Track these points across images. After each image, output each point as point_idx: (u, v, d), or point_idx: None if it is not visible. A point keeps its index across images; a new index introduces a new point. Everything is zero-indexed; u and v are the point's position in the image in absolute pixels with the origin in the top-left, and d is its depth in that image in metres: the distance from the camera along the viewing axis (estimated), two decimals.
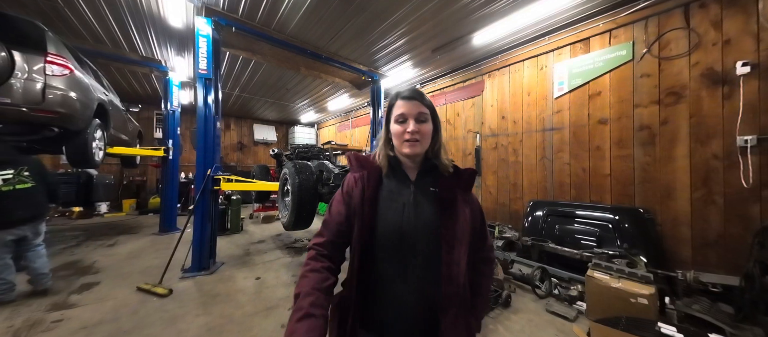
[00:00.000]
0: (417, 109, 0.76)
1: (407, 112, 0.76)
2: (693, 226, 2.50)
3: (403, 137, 0.76)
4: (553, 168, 3.53)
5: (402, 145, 0.76)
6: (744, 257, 2.13)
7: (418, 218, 0.74)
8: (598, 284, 2.17)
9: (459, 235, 0.73)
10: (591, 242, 2.87)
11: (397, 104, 0.78)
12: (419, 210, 0.75)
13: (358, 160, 0.84)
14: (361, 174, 0.80)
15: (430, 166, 0.81)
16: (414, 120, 0.75)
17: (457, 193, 0.78)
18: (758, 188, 2.16)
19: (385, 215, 0.75)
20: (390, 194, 0.78)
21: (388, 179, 0.80)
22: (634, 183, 2.86)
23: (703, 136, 2.44)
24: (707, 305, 1.93)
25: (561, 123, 3.46)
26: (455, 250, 0.72)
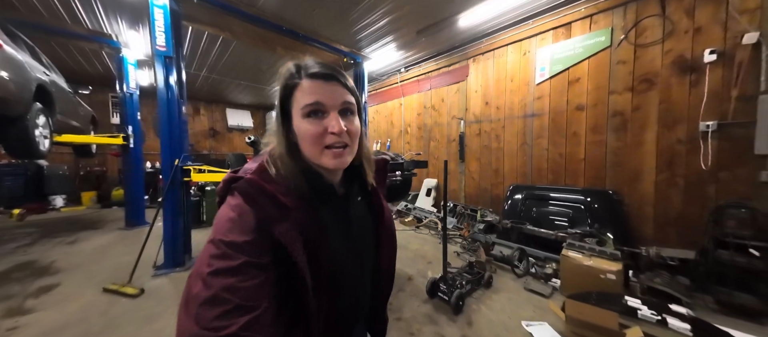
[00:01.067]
0: (341, 95, 0.51)
1: (326, 100, 0.49)
2: (656, 206, 2.70)
3: (324, 141, 0.50)
4: (532, 153, 3.65)
5: (321, 154, 0.51)
6: (699, 233, 2.35)
7: (362, 242, 0.61)
8: (571, 263, 2.31)
9: (388, 232, 0.67)
10: (564, 222, 3.04)
11: (304, 86, 0.50)
12: (362, 233, 0.61)
13: (273, 195, 0.48)
14: (293, 218, 0.48)
15: (351, 170, 0.59)
16: (338, 113, 0.50)
17: (380, 192, 0.68)
18: (715, 171, 2.35)
19: (336, 264, 0.54)
20: (333, 227, 0.55)
21: (312, 207, 0.53)
22: (606, 167, 3.02)
23: (670, 121, 2.59)
24: (667, 278, 2.12)
25: (541, 109, 3.53)
26: (388, 249, 0.67)
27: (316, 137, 0.49)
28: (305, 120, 0.49)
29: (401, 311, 2.11)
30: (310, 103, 0.49)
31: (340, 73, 0.53)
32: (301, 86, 0.50)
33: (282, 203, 0.48)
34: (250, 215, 0.45)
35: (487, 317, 2.05)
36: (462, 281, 2.30)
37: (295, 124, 0.51)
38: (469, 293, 2.29)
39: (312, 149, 0.50)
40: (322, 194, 0.55)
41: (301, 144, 0.52)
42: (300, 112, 0.50)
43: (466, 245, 3.48)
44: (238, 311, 0.39)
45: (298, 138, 0.52)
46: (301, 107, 0.49)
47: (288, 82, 0.52)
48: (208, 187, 4.72)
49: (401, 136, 5.80)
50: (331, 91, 0.50)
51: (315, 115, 0.49)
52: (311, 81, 0.49)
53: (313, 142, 0.49)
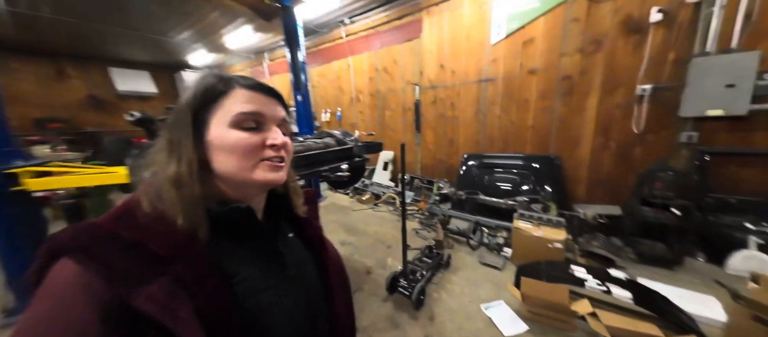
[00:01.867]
0: (280, 112, 0.44)
1: (266, 111, 0.42)
2: (590, 168, 2.90)
3: (262, 154, 0.41)
4: (486, 122, 3.53)
5: (253, 167, 0.41)
6: (623, 191, 2.58)
7: (304, 289, 0.48)
8: (522, 234, 2.34)
9: (339, 275, 0.57)
10: (509, 188, 3.12)
11: (239, 95, 0.40)
12: (300, 276, 0.49)
13: (132, 245, 0.33)
14: (169, 276, 0.33)
15: (274, 200, 0.50)
16: (277, 127, 0.43)
17: (316, 224, 0.57)
18: (644, 134, 2.52)
19: (261, 324, 0.40)
20: (248, 281, 0.41)
21: (226, 255, 0.40)
22: (551, 133, 3.07)
23: (611, 86, 2.63)
24: (603, 239, 2.30)
25: (496, 74, 3.32)
26: (341, 296, 0.56)
27: (253, 149, 0.40)
28: (237, 130, 0.40)
29: (360, 318, 1.85)
30: (250, 111, 0.40)
31: (280, 92, 0.46)
32: (233, 94, 0.40)
33: (152, 253, 0.33)
34: (98, 285, 0.29)
35: (448, 305, 1.95)
36: (422, 270, 2.14)
37: (215, 136, 0.39)
38: (429, 280, 2.16)
39: (242, 163, 0.40)
40: (235, 227, 0.42)
41: (220, 159, 0.40)
42: (229, 121, 0.39)
43: (423, 220, 3.38)
44: None
45: (215, 153, 0.40)
46: (234, 115, 0.39)
47: (211, 88, 0.40)
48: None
49: (353, 104, 5.10)
50: (271, 105, 0.43)
51: (252, 129, 0.41)
52: (249, 91, 0.41)
53: (247, 155, 0.40)
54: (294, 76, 3.51)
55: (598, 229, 2.47)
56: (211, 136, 0.39)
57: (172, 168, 0.37)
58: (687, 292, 1.84)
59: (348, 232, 3.21)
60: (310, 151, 1.64)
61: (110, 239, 0.33)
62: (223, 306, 0.35)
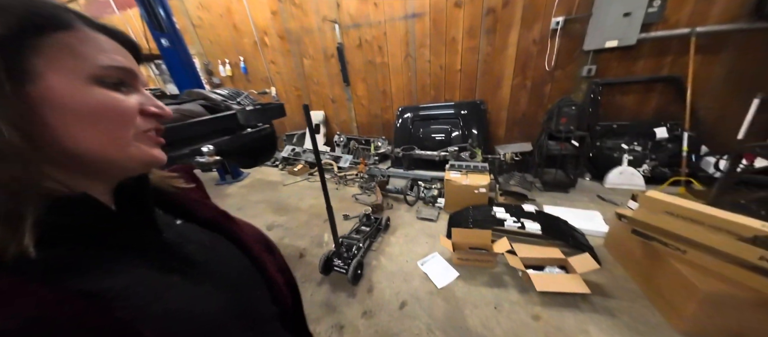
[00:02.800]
0: (140, 71, 0.34)
1: (136, 69, 0.33)
2: (509, 109, 3.01)
3: (139, 125, 0.32)
4: (416, 68, 3.26)
5: (131, 140, 0.31)
6: (535, 127, 2.78)
7: (223, 265, 0.41)
8: (453, 184, 2.37)
9: (261, 242, 0.52)
10: (443, 139, 3.12)
11: (96, 39, 0.29)
12: (212, 256, 0.41)
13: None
14: None
15: (137, 185, 0.36)
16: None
17: (204, 200, 0.50)
18: (554, 70, 2.62)
19: (178, 321, 0.30)
20: (138, 287, 0.29)
21: (73, 265, 0.26)
22: (477, 76, 3.01)
23: (530, 19, 2.57)
24: (518, 178, 2.49)
25: (422, 6, 2.93)
26: (270, 258, 0.51)
27: (126, 117, 0.31)
28: (98, 88, 0.29)
29: None
30: (119, 65, 0.30)
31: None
32: (85, 36, 0.29)
33: None
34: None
35: (386, 271, 1.91)
36: (359, 242, 2.01)
37: (62, 93, 0.26)
38: (368, 249, 2.07)
39: (115, 134, 0.30)
40: (83, 226, 0.29)
41: (73, 129, 0.27)
42: (89, 74, 0.28)
43: (363, 184, 3.21)
44: None
45: (61, 118, 0.27)
46: (95, 67, 0.28)
47: (39, 11, 0.26)
48: None
49: (259, 51, 3.98)
50: (132, 60, 0.33)
51: (120, 87, 0.31)
52: (106, 38, 0.31)
53: (120, 123, 0.30)
54: (145, 9, 2.38)
55: (514, 167, 2.67)
56: (50, 90, 0.26)
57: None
58: (579, 210, 2.16)
59: (277, 212, 2.85)
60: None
61: None
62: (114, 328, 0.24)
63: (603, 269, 1.61)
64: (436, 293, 1.65)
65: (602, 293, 1.49)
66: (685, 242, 1.25)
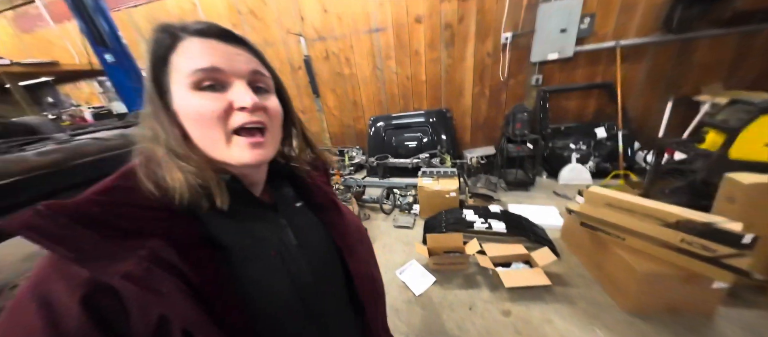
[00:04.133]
0: (247, 62, 0.36)
1: (226, 65, 0.34)
2: (472, 115, 3.21)
3: (230, 123, 0.34)
4: (384, 78, 3.34)
5: (227, 144, 0.35)
6: (497, 131, 2.99)
7: (312, 253, 0.45)
8: (426, 191, 2.44)
9: (356, 234, 0.53)
10: (415, 146, 3.22)
11: (190, 47, 0.34)
12: (307, 242, 0.45)
13: (102, 221, 0.30)
14: (145, 250, 0.30)
15: (279, 165, 0.47)
16: (245, 84, 0.35)
17: (327, 189, 0.53)
18: (507, 79, 2.86)
19: (260, 291, 0.38)
20: (242, 252, 0.38)
21: (219, 227, 0.37)
22: (441, 86, 3.17)
23: (483, 33, 2.79)
24: (484, 180, 2.64)
25: (385, 22, 3.04)
26: (359, 250, 0.52)
27: (216, 117, 0.34)
28: (195, 94, 0.33)
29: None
30: (204, 67, 0.33)
31: (244, 37, 0.38)
32: (183, 47, 0.33)
33: (125, 230, 0.31)
34: (64, 276, 0.28)
35: None
36: None
37: (178, 102, 0.34)
38: None
39: (210, 136, 0.34)
40: (232, 206, 0.37)
41: (192, 133, 0.35)
42: (185, 82, 0.33)
43: (339, 196, 3.16)
44: None
45: (185, 124, 0.34)
46: (188, 75, 0.33)
47: (159, 41, 0.34)
48: None
49: None
50: (232, 54, 0.35)
51: (212, 89, 0.34)
52: (201, 39, 0.34)
53: (212, 125, 0.34)
54: (84, 23, 2.14)
55: (480, 170, 2.83)
56: (176, 105, 0.34)
57: (154, 140, 0.34)
58: (538, 207, 2.35)
59: None
60: (79, 158, 0.93)
61: (75, 215, 0.29)
62: (213, 278, 0.34)
63: (561, 260, 1.76)
64: (414, 301, 1.67)
65: (562, 282, 1.62)
66: (623, 230, 1.42)
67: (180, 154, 0.33)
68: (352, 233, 0.52)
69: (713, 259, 1.09)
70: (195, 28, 0.34)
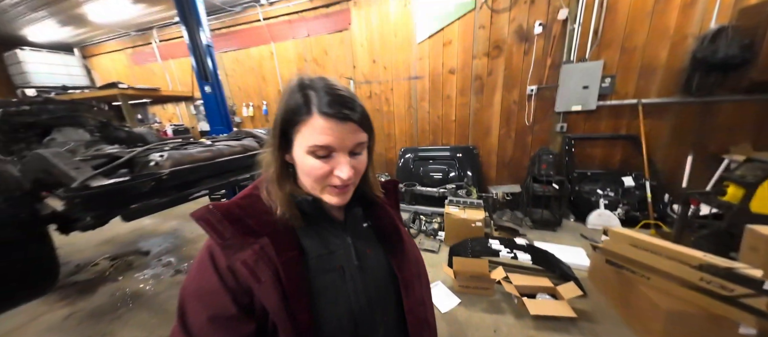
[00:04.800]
0: (354, 138, 0.43)
1: (337, 143, 0.42)
2: (498, 154, 3.44)
3: (328, 181, 0.45)
4: (417, 116, 3.76)
5: (322, 190, 0.46)
6: (522, 171, 3.16)
7: (368, 277, 0.50)
8: (452, 218, 2.61)
9: (414, 267, 0.57)
10: (440, 177, 3.45)
11: (315, 124, 0.41)
12: (366, 265, 0.51)
13: (240, 220, 0.44)
14: (258, 245, 0.42)
15: (356, 193, 0.52)
16: (347, 156, 0.44)
17: (391, 212, 0.58)
18: (533, 124, 3.12)
19: (327, 300, 0.46)
20: (320, 261, 0.47)
21: (305, 236, 0.48)
22: (470, 125, 3.49)
23: (510, 85, 3.14)
24: (509, 214, 2.77)
25: (422, 71, 3.54)
26: (416, 288, 0.55)
27: (321, 178, 0.45)
28: (310, 156, 0.44)
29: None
30: (321, 145, 0.42)
31: (357, 106, 0.44)
32: (311, 122, 0.42)
33: (249, 228, 0.44)
34: (217, 251, 0.43)
35: None
36: None
37: (297, 154, 0.46)
38: None
39: (312, 184, 0.47)
40: (313, 222, 0.50)
41: (299, 174, 0.48)
42: (305, 147, 0.43)
43: None
44: None
45: (297, 167, 0.48)
46: (309, 145, 0.43)
47: (295, 106, 0.43)
48: None
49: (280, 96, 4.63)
50: (345, 132, 0.43)
51: (322, 157, 0.44)
52: (325, 120, 0.42)
53: (316, 181, 0.46)
54: (196, 62, 2.88)
55: (506, 205, 2.96)
56: (294, 154, 0.46)
57: (271, 169, 0.47)
58: (565, 247, 2.41)
59: None
60: (221, 157, 1.39)
61: (222, 214, 0.43)
62: (295, 276, 0.42)
63: (588, 298, 1.80)
64: (439, 317, 1.78)
65: (588, 318, 1.66)
66: (649, 269, 1.50)
67: (282, 179, 0.47)
68: (411, 266, 0.55)
69: (731, 298, 1.16)
70: (325, 109, 0.41)
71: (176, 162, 1.25)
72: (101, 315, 1.99)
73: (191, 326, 0.40)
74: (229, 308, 0.40)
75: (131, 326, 1.87)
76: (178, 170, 1.20)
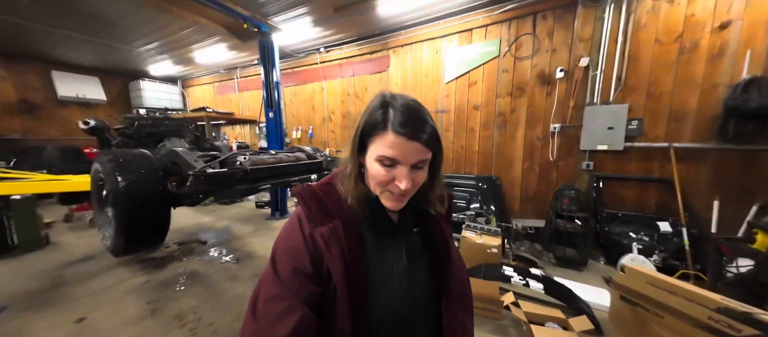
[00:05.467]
0: (418, 155, 0.49)
1: (402, 157, 0.49)
2: (521, 187, 3.49)
3: (388, 187, 0.52)
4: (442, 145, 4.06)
5: (382, 192, 0.54)
6: (546, 206, 3.16)
7: (413, 280, 0.55)
8: (468, 242, 2.71)
9: (459, 284, 0.58)
10: (463, 204, 3.58)
11: (387, 139, 0.49)
12: (412, 268, 0.56)
13: (323, 202, 0.54)
14: (333, 225, 0.52)
15: (412, 201, 0.57)
16: (408, 170, 0.50)
17: (444, 226, 0.62)
18: (557, 160, 3.19)
19: (375, 288, 0.52)
20: (375, 252, 0.54)
21: (366, 228, 0.56)
22: (492, 157, 3.66)
23: (532, 122, 3.31)
24: (528, 246, 2.77)
25: (449, 106, 3.92)
26: (457, 307, 0.57)
27: (383, 183, 0.52)
28: (377, 163, 0.51)
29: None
30: (387, 156, 0.49)
31: (427, 128, 0.49)
32: (385, 136, 0.49)
33: (329, 210, 0.53)
34: (304, 220, 0.53)
35: None
36: None
37: (368, 159, 0.53)
38: None
39: (375, 187, 0.54)
40: (373, 217, 0.56)
41: (367, 174, 0.56)
42: (375, 154, 0.51)
43: None
44: (288, 313, 0.45)
45: (367, 168, 0.54)
46: (378, 154, 0.50)
47: (374, 120, 0.51)
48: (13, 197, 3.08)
49: (325, 123, 5.39)
50: (411, 149, 0.49)
51: (387, 166, 0.50)
52: (396, 136, 0.48)
53: (379, 184, 0.53)
54: (266, 94, 3.73)
55: (526, 236, 2.96)
56: (366, 158, 0.54)
57: (348, 168, 0.56)
58: (588, 286, 2.33)
59: None
60: (280, 163, 1.88)
61: (312, 194, 0.55)
62: (357, 258, 0.50)
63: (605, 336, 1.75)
64: None
65: None
66: (663, 308, 1.48)
67: (354, 177, 0.55)
68: (456, 282, 0.57)
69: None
70: (397, 128, 0.47)
71: (253, 163, 1.79)
72: (168, 285, 2.47)
73: (280, 272, 0.49)
74: (308, 266, 0.49)
75: (189, 296, 2.30)
76: (255, 168, 1.70)
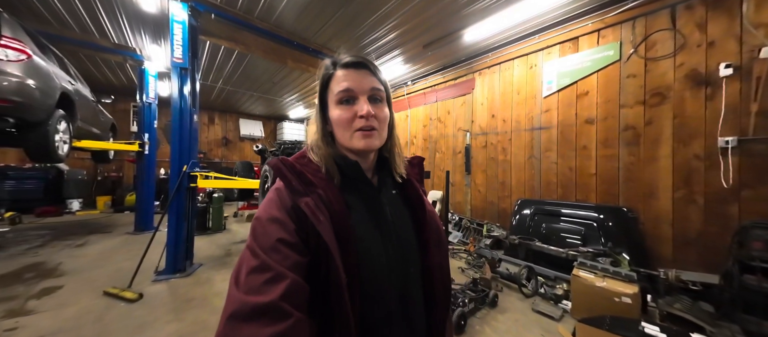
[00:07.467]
0: (369, 82, 0.54)
1: (356, 86, 0.53)
2: (674, 225, 2.54)
3: (354, 125, 0.53)
4: (541, 167, 3.55)
5: (351, 136, 0.53)
6: (722, 255, 2.17)
7: (401, 233, 0.57)
8: (583, 283, 2.17)
9: (434, 234, 0.61)
10: (576, 240, 2.89)
11: (338, 76, 0.54)
12: (397, 222, 0.58)
13: (302, 173, 0.53)
14: (316, 194, 0.51)
15: (382, 161, 0.62)
16: (367, 98, 0.53)
17: (418, 186, 0.65)
18: (737, 189, 2.20)
19: (365, 246, 0.52)
20: (359, 213, 0.55)
21: (348, 193, 0.56)
22: (619, 182, 2.89)
23: (685, 136, 2.48)
24: (688, 304, 1.95)
25: (549, 122, 3.47)
26: (434, 252, 0.60)
27: (347, 121, 0.53)
28: (338, 107, 0.54)
29: None
30: (342, 90, 0.53)
31: (370, 62, 0.56)
32: (335, 76, 0.54)
33: (308, 180, 0.52)
34: (284, 193, 0.51)
35: None
36: (465, 298, 2.19)
37: (331, 113, 0.55)
38: (472, 312, 2.18)
39: (344, 134, 0.54)
40: (351, 177, 0.57)
41: (335, 131, 0.56)
42: (334, 99, 0.54)
43: (471, 261, 3.35)
44: (276, 280, 0.42)
45: (333, 126, 0.56)
46: (335, 94, 0.53)
47: (325, 74, 0.57)
48: (215, 193, 4.79)
49: (407, 147, 5.81)
50: (360, 78, 0.54)
51: (346, 103, 0.53)
52: (344, 70, 0.54)
53: (345, 127, 0.53)
54: None
55: (683, 291, 2.08)
56: (329, 113, 0.56)
57: (316, 135, 0.57)
58: None
59: None
60: None
61: (289, 166, 0.53)
62: (345, 223, 0.50)
63: None
64: None
65: None
66: None
67: (325, 142, 0.56)
68: (431, 233, 0.60)
69: None
70: (342, 62, 0.54)
71: None
72: None
73: (263, 245, 0.45)
74: (293, 236, 0.47)
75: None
76: None
